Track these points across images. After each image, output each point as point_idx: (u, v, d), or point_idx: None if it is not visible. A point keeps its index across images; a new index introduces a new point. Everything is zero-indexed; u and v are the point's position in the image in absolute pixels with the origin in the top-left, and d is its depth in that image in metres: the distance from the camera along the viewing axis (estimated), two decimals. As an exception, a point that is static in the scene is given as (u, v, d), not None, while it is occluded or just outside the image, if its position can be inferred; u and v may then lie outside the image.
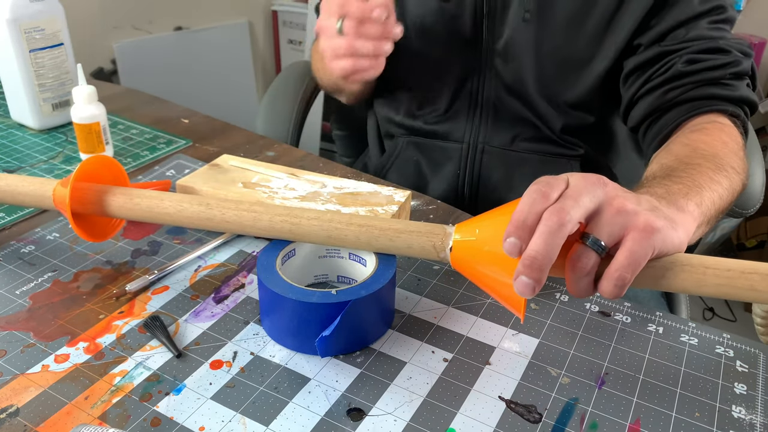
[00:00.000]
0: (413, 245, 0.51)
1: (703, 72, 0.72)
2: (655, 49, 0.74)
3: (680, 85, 0.73)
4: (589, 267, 0.44)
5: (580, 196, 0.44)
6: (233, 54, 2.17)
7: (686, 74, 0.72)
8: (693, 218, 0.52)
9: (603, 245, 0.44)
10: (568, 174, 0.47)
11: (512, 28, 0.79)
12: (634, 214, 0.44)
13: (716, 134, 0.67)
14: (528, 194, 0.45)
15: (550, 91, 0.82)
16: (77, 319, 0.53)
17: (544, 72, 0.80)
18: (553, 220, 0.42)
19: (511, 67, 0.81)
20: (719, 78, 0.71)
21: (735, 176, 0.62)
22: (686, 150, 0.65)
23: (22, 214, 0.68)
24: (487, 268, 0.47)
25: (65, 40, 0.86)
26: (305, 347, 0.50)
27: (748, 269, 0.45)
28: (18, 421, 0.44)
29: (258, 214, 0.54)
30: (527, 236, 0.43)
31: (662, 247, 0.45)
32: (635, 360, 0.51)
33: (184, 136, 0.88)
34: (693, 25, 0.73)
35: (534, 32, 0.78)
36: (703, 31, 0.73)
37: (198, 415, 0.45)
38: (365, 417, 0.45)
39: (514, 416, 0.46)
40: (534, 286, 0.42)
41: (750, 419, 0.46)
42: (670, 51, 0.74)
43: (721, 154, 0.63)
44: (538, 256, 0.42)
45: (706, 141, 0.66)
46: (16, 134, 0.88)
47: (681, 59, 0.73)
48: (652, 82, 0.75)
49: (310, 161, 0.82)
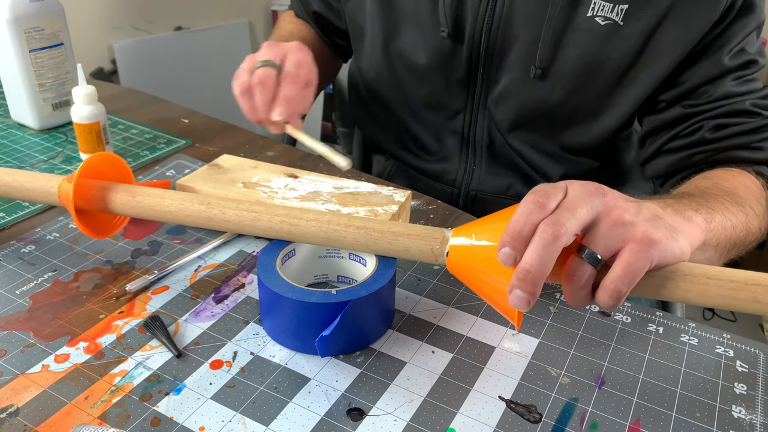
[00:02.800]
0: (411, 249, 0.51)
1: (731, 138, 0.68)
2: (678, 110, 0.71)
3: (706, 150, 0.70)
4: (584, 280, 0.44)
5: (577, 207, 0.43)
6: (233, 54, 2.17)
7: (713, 141, 0.69)
8: (700, 230, 0.50)
9: (598, 258, 0.43)
10: (567, 182, 0.46)
11: (511, 76, 0.75)
12: (632, 226, 0.43)
13: (740, 178, 0.65)
14: (525, 203, 0.44)
15: (547, 143, 0.78)
16: (77, 319, 0.53)
17: (544, 123, 0.77)
18: (548, 232, 0.42)
19: (504, 115, 0.78)
20: (748, 144, 0.68)
21: (753, 218, 0.60)
22: (706, 183, 0.63)
23: (22, 214, 0.68)
24: (483, 275, 0.47)
25: (65, 40, 0.86)
26: (305, 347, 0.50)
27: (752, 281, 0.44)
28: (18, 421, 0.44)
29: (258, 214, 0.54)
30: (522, 247, 0.43)
31: (661, 258, 0.44)
32: (635, 360, 0.51)
33: (184, 136, 0.88)
34: (720, 82, 0.69)
35: (537, 84, 0.74)
36: (731, 89, 0.69)
37: (198, 415, 0.45)
38: (365, 417, 0.45)
39: (514, 416, 0.46)
40: (528, 299, 0.42)
41: (750, 419, 0.46)
42: (696, 113, 0.70)
43: (742, 194, 0.61)
44: (532, 270, 0.42)
45: (728, 179, 0.64)
46: (16, 134, 0.88)
47: (708, 124, 0.69)
48: (675, 141, 0.71)
49: (310, 161, 0.82)
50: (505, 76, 0.75)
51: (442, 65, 0.78)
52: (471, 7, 0.73)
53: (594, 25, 0.69)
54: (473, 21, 0.74)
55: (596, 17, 0.69)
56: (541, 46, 0.71)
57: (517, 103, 0.76)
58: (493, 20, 0.73)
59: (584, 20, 0.69)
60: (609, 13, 0.68)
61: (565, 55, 0.71)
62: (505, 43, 0.73)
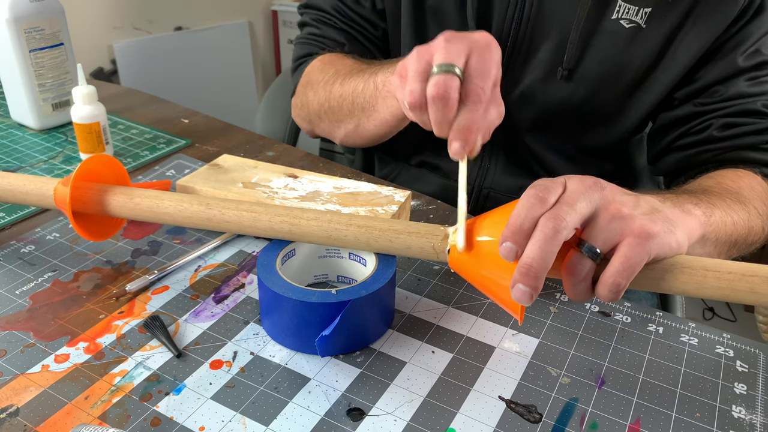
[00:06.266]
0: (412, 246, 0.51)
1: (739, 137, 0.68)
2: (689, 108, 0.71)
3: (714, 149, 0.70)
4: (584, 274, 0.44)
5: (577, 201, 0.44)
6: (233, 54, 2.17)
7: (721, 139, 0.69)
8: (698, 222, 0.50)
9: (598, 252, 0.44)
10: (566, 177, 0.46)
11: (533, 77, 0.75)
12: (630, 219, 0.44)
13: (746, 179, 0.65)
14: (525, 198, 0.44)
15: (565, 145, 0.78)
16: (77, 319, 0.53)
17: (564, 124, 0.77)
18: (548, 226, 0.42)
19: (525, 115, 0.77)
20: (756, 144, 0.68)
21: (756, 217, 0.60)
22: (710, 181, 0.63)
23: (22, 214, 0.68)
24: (485, 270, 0.47)
25: (65, 40, 0.86)
26: (305, 347, 0.50)
27: (749, 272, 0.45)
28: (18, 421, 0.44)
29: (257, 215, 0.54)
30: (523, 241, 0.43)
31: (659, 251, 0.44)
32: (635, 360, 0.51)
33: (184, 136, 0.88)
34: (733, 82, 0.69)
35: (561, 86, 0.74)
36: (743, 89, 0.69)
37: (198, 415, 0.45)
38: (365, 417, 0.45)
39: (514, 416, 0.46)
40: (531, 293, 0.42)
41: (750, 419, 0.46)
42: (706, 111, 0.70)
43: (746, 194, 0.61)
44: (534, 264, 0.42)
45: (733, 179, 0.64)
46: (16, 134, 0.88)
47: (717, 123, 0.69)
48: (684, 139, 0.72)
49: (310, 161, 0.82)
50: (527, 77, 0.76)
51: None
52: (498, 9, 0.73)
53: (619, 27, 0.69)
54: (500, 23, 0.74)
55: (621, 20, 0.69)
56: (569, 47, 0.71)
57: (539, 104, 0.76)
58: (521, 22, 0.73)
59: (610, 23, 0.70)
60: (634, 16, 0.69)
61: (591, 57, 0.72)
62: (531, 45, 0.74)
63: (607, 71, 0.72)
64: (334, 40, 0.83)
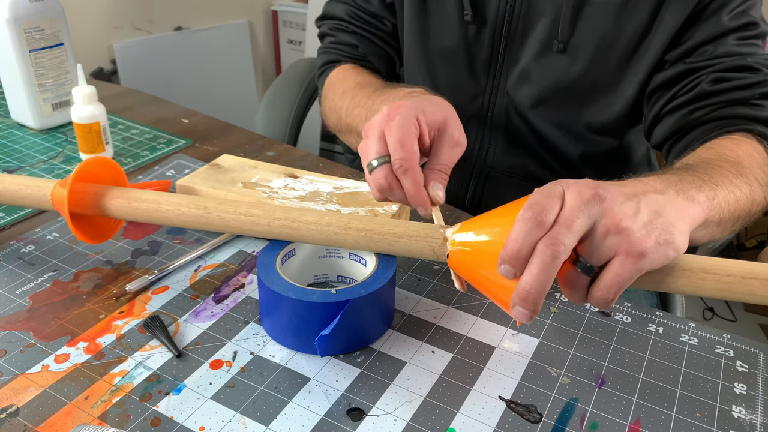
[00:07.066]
0: (412, 249, 0.51)
1: (730, 92, 0.69)
2: (680, 66, 0.71)
3: (706, 105, 0.70)
4: (579, 286, 0.45)
5: (575, 219, 0.43)
6: (233, 54, 2.17)
7: (712, 94, 0.69)
8: (702, 209, 0.50)
9: (592, 267, 0.44)
10: (564, 186, 0.45)
11: (532, 53, 0.76)
12: (627, 235, 0.43)
13: (744, 146, 0.65)
14: (523, 221, 0.43)
15: (568, 120, 0.79)
16: (77, 319, 0.53)
17: (565, 99, 0.77)
18: (547, 253, 0.42)
19: (526, 92, 0.79)
20: (747, 98, 0.68)
21: (757, 188, 0.60)
22: (710, 153, 0.63)
23: (22, 214, 0.68)
24: (484, 270, 0.47)
25: (65, 40, 0.86)
26: (305, 347, 0.50)
27: (748, 274, 0.44)
28: (18, 421, 0.44)
29: (256, 218, 0.54)
30: (521, 266, 0.43)
31: (651, 267, 0.44)
32: (635, 360, 0.51)
33: (184, 136, 0.88)
34: (721, 41, 0.70)
35: (558, 59, 0.75)
36: (732, 48, 0.69)
37: (198, 415, 0.45)
38: (365, 417, 0.45)
39: (514, 416, 0.46)
40: (530, 315, 0.43)
41: (750, 419, 0.46)
42: (696, 68, 0.70)
43: (746, 163, 0.61)
44: (533, 290, 0.42)
45: (732, 148, 0.64)
46: (16, 134, 0.88)
47: (707, 78, 0.69)
48: (676, 100, 0.72)
49: (310, 161, 0.82)
50: (525, 54, 0.77)
51: (467, 48, 0.80)
52: None
53: None
54: (495, 3, 0.76)
55: None
56: (562, 20, 0.73)
57: (538, 80, 0.78)
58: (516, 1, 0.75)
59: None
60: None
61: (583, 29, 0.73)
62: (527, 23, 0.76)
63: (601, 41, 0.74)
64: (349, 44, 0.89)
